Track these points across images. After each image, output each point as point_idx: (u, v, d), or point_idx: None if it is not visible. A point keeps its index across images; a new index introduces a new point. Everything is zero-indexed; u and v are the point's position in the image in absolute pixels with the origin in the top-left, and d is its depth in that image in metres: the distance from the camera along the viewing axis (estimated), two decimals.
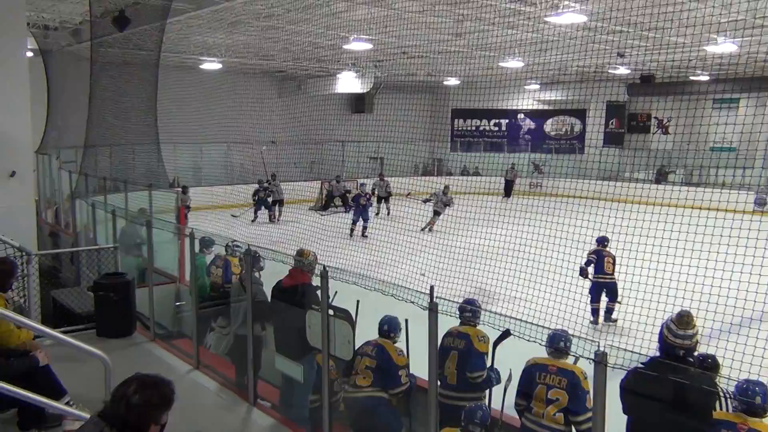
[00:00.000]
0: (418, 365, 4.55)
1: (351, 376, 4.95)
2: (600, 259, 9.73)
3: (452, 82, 26.66)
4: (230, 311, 6.80)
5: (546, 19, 12.82)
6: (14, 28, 9.09)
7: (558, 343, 4.33)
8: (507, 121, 30.47)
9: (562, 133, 29.92)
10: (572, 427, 4.31)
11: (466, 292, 8.64)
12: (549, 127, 30.13)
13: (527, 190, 25.73)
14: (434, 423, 4.21)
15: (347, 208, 21.69)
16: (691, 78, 23.22)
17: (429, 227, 17.04)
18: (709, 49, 15.59)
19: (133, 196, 10.66)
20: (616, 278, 9.77)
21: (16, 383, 4.14)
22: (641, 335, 5.45)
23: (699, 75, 22.72)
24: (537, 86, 28.56)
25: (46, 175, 15.22)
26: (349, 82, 23.92)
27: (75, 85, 14.62)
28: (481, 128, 30.78)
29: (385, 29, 14.93)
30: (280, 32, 15.89)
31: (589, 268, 9.69)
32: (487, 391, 5.10)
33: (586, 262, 9.74)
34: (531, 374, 4.43)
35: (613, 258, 9.82)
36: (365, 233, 17.00)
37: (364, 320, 5.14)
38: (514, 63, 19.29)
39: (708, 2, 11.42)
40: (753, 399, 3.36)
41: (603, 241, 9.95)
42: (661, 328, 3.77)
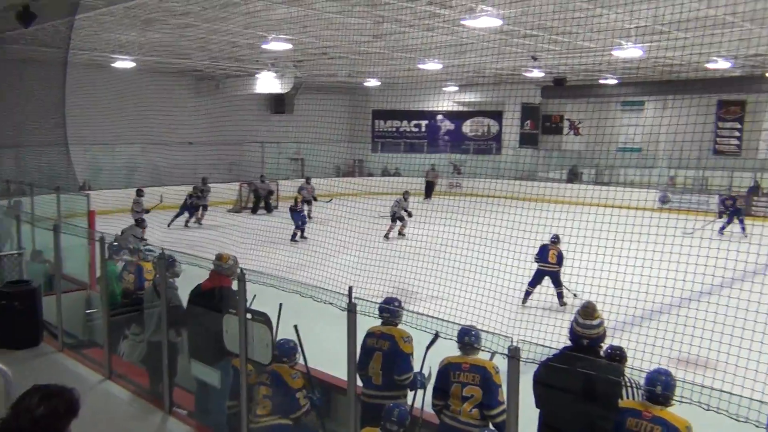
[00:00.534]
0: (339, 365, 4.55)
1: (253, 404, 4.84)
2: (545, 251, 10.92)
3: (372, 83, 26.80)
4: (144, 318, 6.59)
5: (462, 22, 13.04)
6: None
7: (464, 337, 4.42)
8: (426, 122, 30.89)
9: (479, 134, 30.59)
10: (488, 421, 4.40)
11: (386, 292, 8.69)
12: (467, 128, 30.74)
13: (446, 190, 26.18)
14: (354, 423, 4.22)
15: (270, 209, 21.48)
16: (600, 81, 24.22)
17: (389, 233, 16.69)
18: (617, 53, 16.28)
19: (39, 200, 10.18)
20: (557, 269, 10.82)
21: None
22: (552, 329, 5.64)
23: (607, 78, 23.71)
24: (455, 88, 29.09)
25: None
26: (268, 83, 23.62)
27: None
28: (401, 129, 31.09)
29: (305, 29, 14.84)
30: (196, 30, 15.51)
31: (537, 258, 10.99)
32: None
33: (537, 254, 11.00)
34: (446, 373, 4.49)
35: (559, 252, 10.90)
36: (304, 234, 17.13)
37: (288, 324, 5.08)
38: (433, 65, 19.57)
39: (614, 9, 11.91)
40: (654, 387, 3.51)
41: (554, 239, 11.10)
42: (572, 320, 3.92)
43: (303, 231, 17.17)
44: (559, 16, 12.54)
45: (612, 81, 24.03)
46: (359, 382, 4.87)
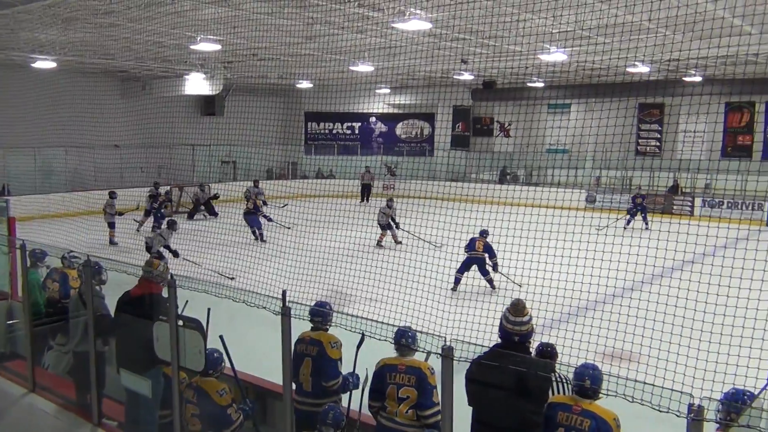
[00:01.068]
0: (275, 370, 4.51)
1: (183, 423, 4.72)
2: (473, 241, 11.75)
3: (304, 85, 26.66)
4: (69, 327, 6.36)
5: (393, 25, 13.15)
6: None
7: (400, 339, 4.46)
8: (359, 124, 30.96)
9: (412, 136, 30.87)
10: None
11: (322, 295, 8.67)
12: (400, 130, 30.98)
13: (380, 192, 26.29)
14: (291, 429, 4.20)
15: (214, 213, 20.99)
16: (528, 84, 24.84)
17: (381, 241, 15.87)
18: (543, 57, 16.74)
19: None
20: (484, 256, 11.63)
21: None
22: (485, 328, 5.75)
23: (535, 81, 24.34)
24: (387, 90, 29.27)
25: None
26: (197, 84, 23.14)
27: None
28: (335, 131, 31.05)
29: (234, 30, 14.62)
30: (120, 30, 15.07)
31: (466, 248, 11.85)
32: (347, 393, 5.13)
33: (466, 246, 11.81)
34: (382, 375, 4.51)
35: (485, 243, 11.70)
36: (263, 238, 16.90)
37: (219, 330, 5.00)
38: (365, 67, 19.62)
39: (539, 14, 12.25)
40: (583, 382, 3.63)
41: (482, 233, 11.86)
42: (501, 318, 4.01)
43: (262, 234, 16.96)
44: (487, 20, 12.81)
45: (539, 84, 24.68)
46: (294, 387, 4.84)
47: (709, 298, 6.62)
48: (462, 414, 3.69)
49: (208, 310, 4.87)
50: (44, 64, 18.94)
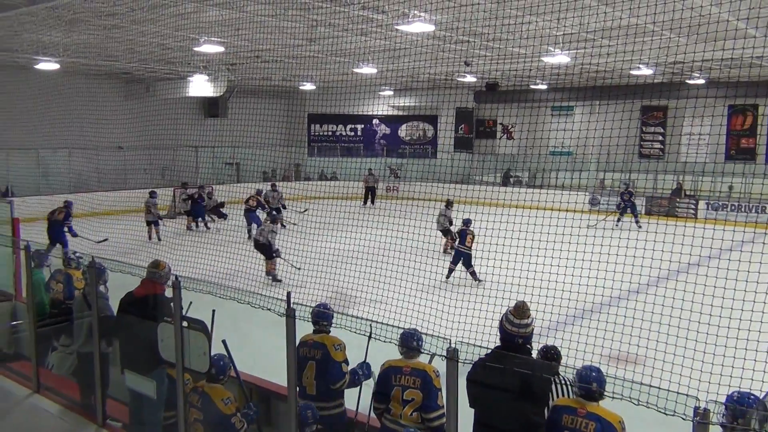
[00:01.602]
0: (279, 371, 4.51)
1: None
2: (463, 235, 12.47)
3: (308, 87, 26.68)
4: (73, 328, 6.36)
5: (396, 27, 13.16)
6: None
7: (410, 342, 4.44)
8: (363, 126, 30.97)
9: (415, 138, 30.87)
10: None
11: (326, 297, 8.67)
12: (403, 132, 30.99)
13: (384, 194, 26.28)
14: (295, 430, 4.19)
15: (223, 216, 20.86)
16: (532, 87, 24.82)
17: (447, 248, 15.17)
18: (546, 59, 16.74)
19: None
20: (471, 251, 12.24)
21: None
22: (489, 330, 5.73)
23: (538, 84, 24.32)
24: (391, 92, 29.28)
25: None
26: (201, 86, 23.18)
27: None
28: (338, 133, 31.07)
29: (237, 32, 14.64)
30: (124, 32, 15.09)
31: (456, 241, 12.75)
32: (354, 395, 5.11)
33: (457, 235, 12.77)
34: (387, 377, 4.50)
35: (473, 235, 12.36)
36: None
37: (223, 330, 5.00)
38: (368, 69, 19.63)
39: (543, 16, 12.25)
40: (590, 384, 3.60)
41: (467, 223, 12.61)
42: (501, 320, 3.99)
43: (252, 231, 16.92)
44: (491, 22, 12.81)
45: (542, 86, 24.66)
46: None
47: (714, 301, 6.60)
48: (465, 417, 3.67)
49: (213, 311, 4.86)
50: (48, 65, 18.98)
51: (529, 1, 10.74)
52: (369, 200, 24.67)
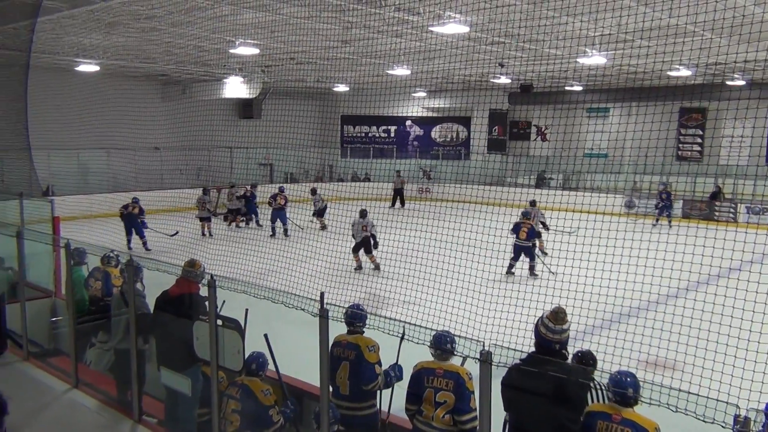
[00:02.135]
0: (310, 371, 4.52)
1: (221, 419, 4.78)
2: (517, 227, 12.61)
3: (341, 88, 26.79)
4: (111, 325, 6.48)
5: (430, 28, 13.14)
6: None
7: (444, 344, 4.41)
8: (395, 127, 30.98)
9: (448, 139, 30.77)
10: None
11: (358, 298, 8.68)
12: (436, 133, 30.91)
13: (416, 195, 26.24)
14: (328, 430, 4.19)
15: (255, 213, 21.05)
16: (566, 88, 24.55)
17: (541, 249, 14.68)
18: (581, 60, 16.54)
19: (2, 206, 9.95)
20: (529, 243, 12.56)
21: None
22: (523, 333, 5.68)
23: (573, 85, 24.06)
24: (424, 94, 29.23)
25: None
26: (236, 87, 23.46)
27: None
28: (371, 134, 31.13)
29: (272, 34, 14.77)
30: (161, 34, 15.34)
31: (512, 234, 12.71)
32: (384, 396, 5.10)
33: (512, 229, 12.71)
34: (419, 378, 4.48)
35: (529, 226, 12.58)
36: (287, 233, 17.79)
37: (256, 329, 5.04)
38: (401, 71, 19.64)
39: (579, 17, 12.11)
40: (625, 390, 3.54)
41: (525, 214, 12.82)
42: (537, 325, 3.94)
43: (286, 230, 17.84)
44: (526, 24, 12.70)
45: (577, 88, 24.39)
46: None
47: (756, 307, 6.43)
48: (495, 421, 3.64)
49: (246, 310, 4.90)
50: (88, 67, 19.42)
51: (565, 1, 10.61)
52: (398, 202, 24.65)
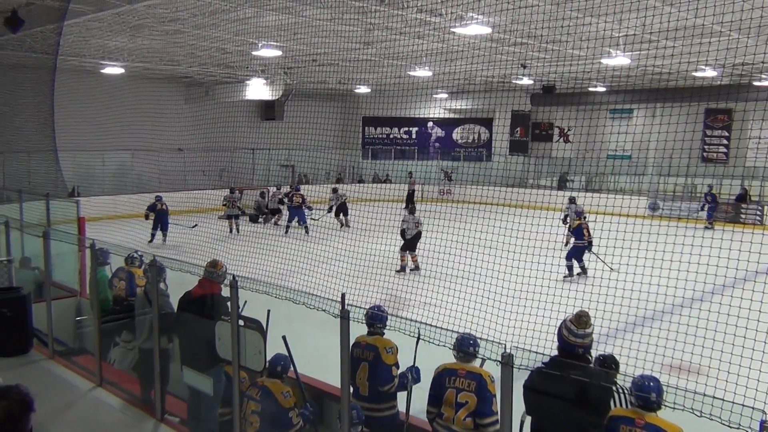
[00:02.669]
0: (329, 372, 4.52)
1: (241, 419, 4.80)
2: (579, 229, 12.28)
3: (363, 90, 26.83)
4: (135, 325, 6.55)
5: (452, 30, 13.10)
6: None
7: (468, 347, 4.39)
8: (417, 129, 30.95)
9: (469, 141, 30.67)
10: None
11: (379, 299, 8.68)
12: (457, 135, 30.82)
13: (435, 197, 26.18)
14: (348, 431, 4.20)
15: (278, 212, 21.18)
16: (589, 89, 24.34)
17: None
18: (605, 61, 16.39)
19: (28, 207, 10.10)
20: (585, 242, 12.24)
21: None
22: (545, 336, 5.64)
23: (596, 86, 23.84)
24: (445, 95, 29.16)
25: None
26: (258, 89, 23.60)
27: None
28: (392, 136, 31.13)
29: (295, 36, 14.84)
30: (185, 37, 15.49)
31: (571, 238, 12.61)
32: (404, 397, 5.10)
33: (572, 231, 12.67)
34: (441, 379, 4.46)
35: (587, 225, 12.33)
36: (307, 231, 18.23)
37: (277, 330, 5.06)
38: (423, 72, 19.62)
39: (603, 18, 12.00)
40: (648, 394, 3.49)
41: (579, 214, 12.57)
42: (560, 328, 3.91)
43: (307, 228, 18.16)
44: (549, 24, 12.62)
45: (601, 89, 24.17)
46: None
47: None
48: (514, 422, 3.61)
49: (268, 311, 4.93)
50: (113, 70, 19.67)
51: (589, 2, 10.53)
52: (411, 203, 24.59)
